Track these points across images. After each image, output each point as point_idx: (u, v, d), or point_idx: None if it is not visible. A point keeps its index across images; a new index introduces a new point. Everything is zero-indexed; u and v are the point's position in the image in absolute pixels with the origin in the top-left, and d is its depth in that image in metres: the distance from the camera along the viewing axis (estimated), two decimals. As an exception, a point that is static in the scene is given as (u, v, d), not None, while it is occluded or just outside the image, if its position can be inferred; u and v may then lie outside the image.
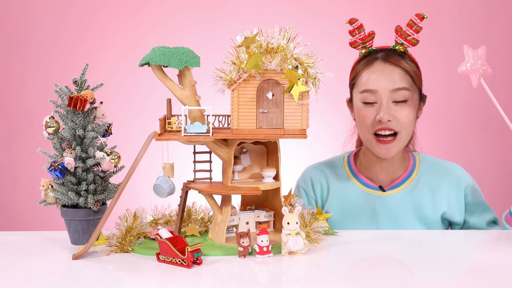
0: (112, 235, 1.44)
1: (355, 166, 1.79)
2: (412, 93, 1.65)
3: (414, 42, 1.64)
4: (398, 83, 1.63)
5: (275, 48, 1.34)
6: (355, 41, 1.66)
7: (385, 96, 1.62)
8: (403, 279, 1.25)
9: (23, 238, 1.53)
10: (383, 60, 1.65)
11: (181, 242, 1.33)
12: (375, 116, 1.64)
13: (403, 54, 1.66)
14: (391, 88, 1.62)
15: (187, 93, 1.39)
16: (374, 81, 1.63)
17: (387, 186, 1.75)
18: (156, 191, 1.45)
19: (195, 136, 1.37)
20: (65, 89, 1.42)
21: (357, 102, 1.68)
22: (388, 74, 1.63)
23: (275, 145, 1.45)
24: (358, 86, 1.67)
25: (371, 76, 1.64)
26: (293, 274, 1.30)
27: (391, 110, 1.63)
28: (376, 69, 1.64)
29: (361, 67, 1.67)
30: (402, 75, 1.64)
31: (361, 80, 1.66)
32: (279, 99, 1.37)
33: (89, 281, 1.26)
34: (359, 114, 1.68)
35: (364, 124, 1.66)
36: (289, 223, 1.36)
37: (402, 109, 1.64)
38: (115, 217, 1.45)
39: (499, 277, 1.25)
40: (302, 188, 1.83)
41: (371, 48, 1.67)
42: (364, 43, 1.66)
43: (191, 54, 1.37)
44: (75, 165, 1.40)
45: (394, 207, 1.72)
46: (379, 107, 1.63)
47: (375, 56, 1.66)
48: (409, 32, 1.62)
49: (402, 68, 1.64)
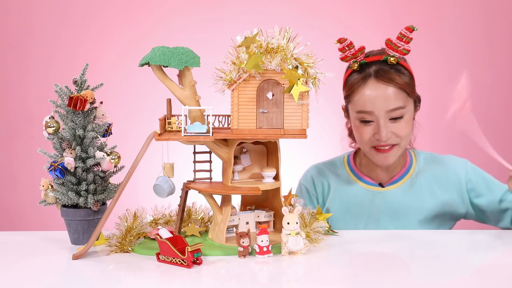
0: (112, 235, 1.44)
1: (355, 165, 1.83)
2: (407, 107, 1.66)
3: (405, 52, 1.64)
4: (393, 103, 1.63)
5: (275, 48, 1.34)
6: (345, 56, 1.66)
7: (382, 116, 1.64)
8: (403, 279, 1.25)
9: (23, 238, 1.53)
10: (376, 78, 1.64)
11: (181, 242, 1.33)
12: (373, 134, 1.66)
13: (395, 66, 1.66)
14: (386, 110, 1.64)
15: (187, 93, 1.39)
16: (369, 103, 1.64)
17: (386, 182, 1.77)
18: (156, 191, 1.45)
19: (195, 136, 1.37)
20: (65, 89, 1.42)
21: (354, 120, 1.70)
22: (382, 94, 1.63)
23: (275, 145, 1.45)
24: (354, 105, 1.68)
25: (367, 96, 1.64)
26: (293, 274, 1.30)
27: (388, 128, 1.65)
28: (370, 88, 1.64)
29: (355, 83, 1.66)
30: (396, 92, 1.64)
31: (357, 100, 1.66)
32: (279, 99, 1.37)
33: (89, 281, 1.26)
34: (357, 130, 1.70)
35: (363, 140, 1.69)
36: (289, 223, 1.36)
37: (399, 124, 1.66)
38: (115, 217, 1.45)
39: (500, 277, 1.25)
40: (304, 186, 1.86)
41: (362, 61, 1.66)
42: (355, 57, 1.65)
43: (191, 54, 1.37)
44: (75, 165, 1.40)
45: (394, 202, 1.75)
46: (377, 126, 1.65)
47: (368, 72, 1.65)
48: (400, 44, 1.62)
49: (396, 85, 1.63)
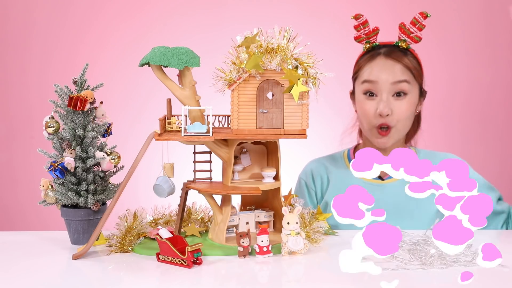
0: (112, 235, 1.44)
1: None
2: (412, 87, 1.70)
3: (417, 40, 1.70)
4: (399, 76, 1.68)
5: (275, 48, 1.34)
6: (359, 35, 1.72)
7: (386, 88, 1.68)
8: (403, 279, 1.25)
9: (23, 238, 1.53)
10: (385, 55, 1.71)
11: (181, 242, 1.33)
12: (375, 109, 1.69)
13: (405, 51, 1.71)
14: (391, 81, 1.68)
15: (187, 93, 1.39)
16: (375, 73, 1.69)
17: (386, 175, 1.78)
18: (156, 191, 1.45)
19: (195, 136, 1.37)
20: (65, 89, 1.42)
21: (359, 95, 1.74)
22: (389, 68, 1.69)
23: (275, 145, 1.45)
24: (360, 78, 1.73)
25: (373, 69, 1.70)
26: (293, 274, 1.30)
27: (390, 104, 1.69)
28: (378, 63, 1.70)
29: (364, 61, 1.73)
30: (403, 70, 1.69)
31: (363, 72, 1.72)
32: (279, 99, 1.37)
33: (89, 281, 1.26)
34: (361, 106, 1.74)
35: (366, 116, 1.72)
36: (289, 223, 1.36)
37: (401, 104, 1.69)
38: (115, 217, 1.45)
39: (502, 277, 1.25)
40: (303, 180, 1.87)
41: (374, 43, 1.73)
42: (368, 38, 1.72)
43: (191, 54, 1.37)
44: (75, 165, 1.40)
45: (393, 195, 1.75)
46: (379, 100, 1.69)
47: (378, 51, 1.72)
48: (412, 30, 1.69)
49: (403, 64, 1.69)
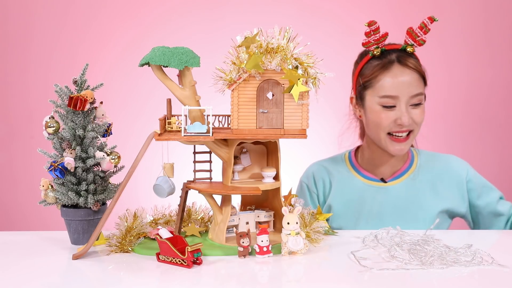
0: (112, 235, 1.44)
1: (356, 161, 1.83)
2: (423, 95, 1.72)
3: (422, 43, 1.69)
4: (416, 89, 1.68)
5: (275, 48, 1.34)
6: (368, 41, 1.68)
7: (404, 101, 1.67)
8: (403, 279, 1.25)
9: (23, 238, 1.53)
10: (400, 64, 1.68)
11: (181, 242, 1.33)
12: (394, 119, 1.68)
13: (412, 55, 1.71)
14: (410, 95, 1.67)
15: (187, 93, 1.39)
16: (395, 87, 1.67)
17: (388, 177, 1.79)
18: (156, 191, 1.45)
19: (195, 136, 1.37)
20: (65, 89, 1.42)
21: (374, 105, 1.70)
22: (408, 79, 1.67)
23: (275, 145, 1.45)
24: (376, 90, 1.69)
25: (392, 81, 1.67)
26: (293, 274, 1.30)
27: (409, 113, 1.69)
28: (396, 74, 1.68)
29: (378, 70, 1.69)
30: (418, 80, 1.69)
31: (380, 84, 1.68)
32: (279, 99, 1.37)
33: (89, 281, 1.26)
34: (377, 116, 1.70)
35: (381, 125, 1.70)
36: (289, 223, 1.36)
37: (417, 110, 1.70)
38: (115, 217, 1.45)
39: (502, 277, 1.25)
40: (304, 183, 1.86)
41: (382, 48, 1.70)
42: (378, 44, 1.69)
43: (191, 54, 1.37)
44: (75, 165, 1.40)
45: (397, 197, 1.76)
46: (399, 111, 1.68)
47: (390, 58, 1.69)
48: (419, 34, 1.68)
49: (418, 72, 1.69)
